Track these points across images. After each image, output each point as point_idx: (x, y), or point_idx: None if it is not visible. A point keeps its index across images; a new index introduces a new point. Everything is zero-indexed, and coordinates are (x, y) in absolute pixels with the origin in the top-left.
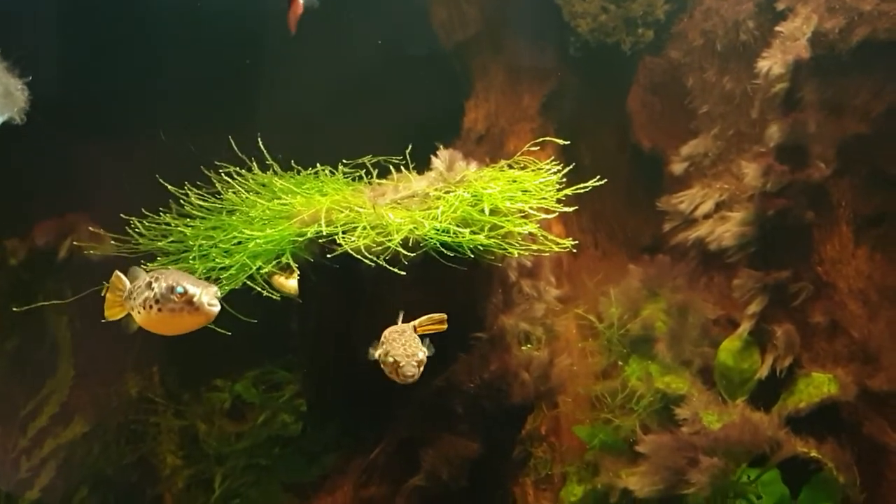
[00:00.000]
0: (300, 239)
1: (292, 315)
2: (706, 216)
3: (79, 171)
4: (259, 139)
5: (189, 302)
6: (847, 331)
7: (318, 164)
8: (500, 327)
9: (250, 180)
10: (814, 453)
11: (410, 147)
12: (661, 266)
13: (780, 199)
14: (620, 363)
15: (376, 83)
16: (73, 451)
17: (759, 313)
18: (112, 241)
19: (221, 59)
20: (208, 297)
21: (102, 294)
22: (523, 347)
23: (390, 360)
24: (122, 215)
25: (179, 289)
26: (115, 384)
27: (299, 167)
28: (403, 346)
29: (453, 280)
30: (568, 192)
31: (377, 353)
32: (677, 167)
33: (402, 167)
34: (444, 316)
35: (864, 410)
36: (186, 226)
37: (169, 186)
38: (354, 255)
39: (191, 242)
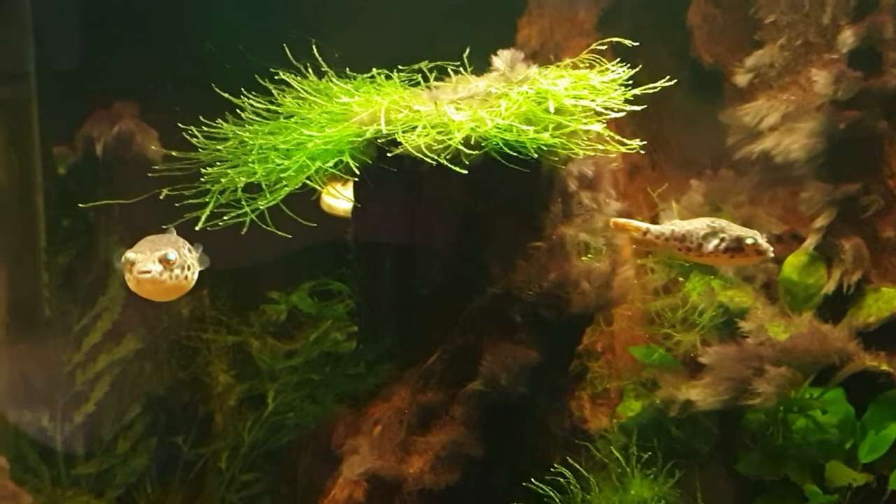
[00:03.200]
0: (359, 139)
1: (347, 225)
2: (772, 128)
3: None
4: (314, 46)
5: (129, 270)
6: None
7: (373, 70)
8: (560, 237)
9: (306, 86)
10: (884, 366)
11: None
12: (725, 180)
13: (851, 109)
14: (681, 279)
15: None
16: (126, 368)
17: (827, 227)
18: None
19: None
20: (142, 265)
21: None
22: (583, 258)
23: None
24: (179, 125)
25: (125, 258)
26: (166, 303)
27: (354, 73)
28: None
29: (513, 186)
30: (637, 91)
31: (710, 245)
32: (741, 79)
33: (459, 72)
34: None
35: None
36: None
37: (226, 95)
38: (413, 155)
39: (249, 146)
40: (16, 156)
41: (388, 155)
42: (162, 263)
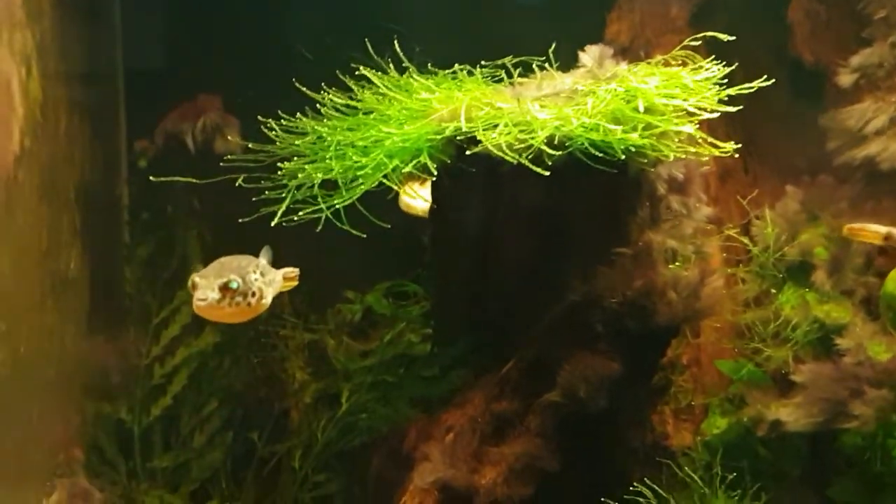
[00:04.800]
0: (438, 137)
1: (424, 226)
2: (878, 133)
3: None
4: (395, 41)
5: (193, 294)
6: None
7: (455, 66)
8: (647, 243)
9: (387, 82)
10: None
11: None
12: (824, 187)
13: None
14: (773, 291)
15: None
16: (205, 362)
17: None
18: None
19: None
20: (200, 292)
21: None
22: (670, 266)
23: None
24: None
25: (190, 281)
26: None
27: (436, 69)
28: None
29: (598, 187)
30: (732, 91)
31: None
32: (845, 79)
33: (545, 67)
34: None
35: None
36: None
37: (304, 89)
38: (493, 154)
39: (327, 141)
40: (101, 149)
41: (468, 153)
42: (221, 291)
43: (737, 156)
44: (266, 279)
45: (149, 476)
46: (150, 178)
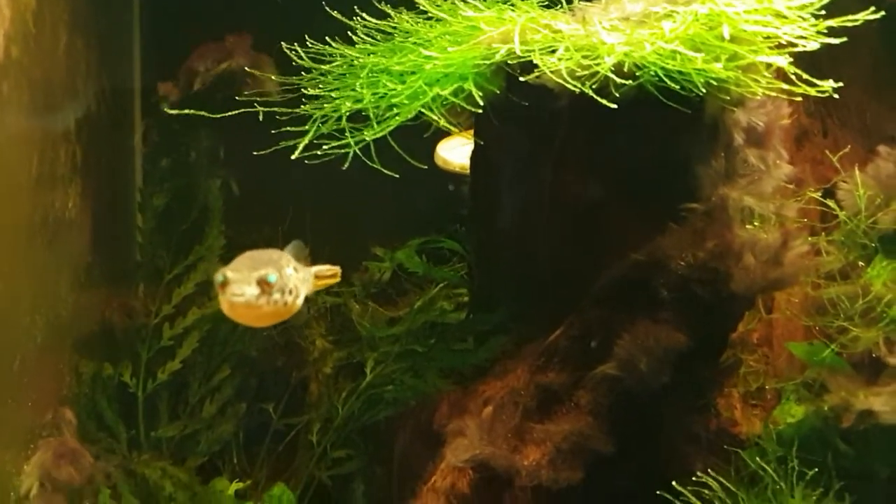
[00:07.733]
0: (486, 63)
1: (463, 176)
2: None
3: None
4: None
5: (223, 290)
6: None
7: None
8: (721, 198)
9: (428, 3)
10: None
11: None
12: None
13: None
14: (862, 264)
15: None
16: (218, 325)
17: None
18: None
19: None
20: (236, 287)
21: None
22: (748, 226)
23: None
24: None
25: (219, 276)
26: None
27: None
28: None
29: (669, 130)
30: (833, 22)
31: None
32: None
33: None
34: None
35: None
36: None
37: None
38: (550, 86)
39: (359, 67)
40: (110, 82)
41: (521, 80)
42: (260, 286)
43: (815, 118)
44: (300, 276)
45: (152, 446)
46: (170, 116)
